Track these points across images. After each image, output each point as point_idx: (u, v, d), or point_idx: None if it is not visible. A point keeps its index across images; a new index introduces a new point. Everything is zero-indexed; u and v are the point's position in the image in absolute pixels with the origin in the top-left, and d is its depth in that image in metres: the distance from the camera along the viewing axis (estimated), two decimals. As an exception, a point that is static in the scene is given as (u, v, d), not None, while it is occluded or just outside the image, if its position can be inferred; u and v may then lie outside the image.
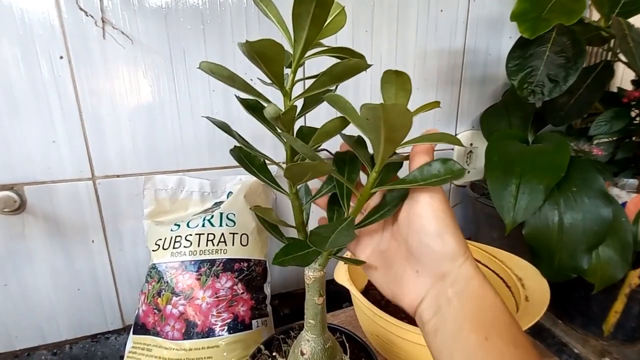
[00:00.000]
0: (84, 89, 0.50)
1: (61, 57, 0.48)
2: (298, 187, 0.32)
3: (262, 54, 0.23)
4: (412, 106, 0.24)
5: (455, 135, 0.76)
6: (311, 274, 0.34)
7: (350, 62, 0.26)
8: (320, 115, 0.58)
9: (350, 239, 0.24)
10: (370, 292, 0.60)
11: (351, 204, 0.31)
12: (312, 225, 0.34)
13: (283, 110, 0.26)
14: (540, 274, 0.50)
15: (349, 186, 0.30)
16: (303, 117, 0.34)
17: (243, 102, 0.34)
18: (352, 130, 0.28)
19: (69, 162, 0.51)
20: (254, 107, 0.34)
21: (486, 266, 0.60)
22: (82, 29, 0.47)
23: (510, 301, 0.52)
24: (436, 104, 0.30)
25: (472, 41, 0.71)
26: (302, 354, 0.34)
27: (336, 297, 0.73)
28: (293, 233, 0.32)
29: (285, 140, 0.28)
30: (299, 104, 0.32)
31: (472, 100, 0.76)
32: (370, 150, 0.28)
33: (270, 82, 0.28)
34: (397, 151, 0.28)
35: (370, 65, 0.27)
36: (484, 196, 0.66)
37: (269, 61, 0.24)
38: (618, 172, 0.65)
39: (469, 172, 0.80)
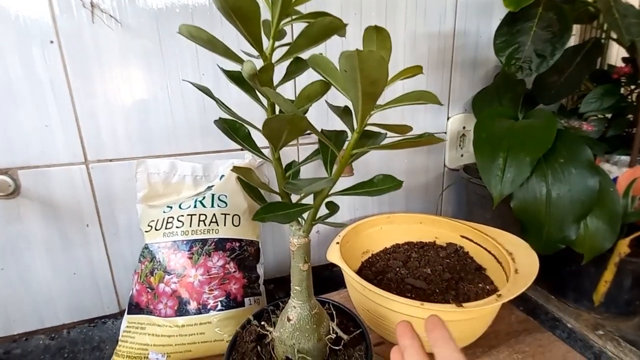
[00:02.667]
0: (75, 73, 0.50)
1: (51, 42, 0.49)
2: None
3: (238, 9, 0.23)
4: (402, 90, 0.24)
5: (448, 118, 0.77)
6: (295, 240, 0.34)
7: (326, 21, 0.26)
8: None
9: (325, 185, 0.25)
10: (363, 272, 0.60)
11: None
12: (295, 199, 0.35)
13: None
14: (530, 248, 0.50)
15: (333, 149, 0.30)
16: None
17: (227, 73, 0.35)
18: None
19: (62, 146, 0.52)
20: (238, 79, 0.35)
21: (478, 244, 0.60)
22: (71, 13, 0.48)
23: (500, 275, 0.53)
24: (418, 69, 0.30)
25: (462, 23, 0.71)
26: (289, 319, 0.35)
27: (332, 281, 0.73)
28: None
29: (265, 95, 0.28)
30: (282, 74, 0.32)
31: (463, 83, 0.76)
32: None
33: (251, 47, 0.29)
34: (378, 118, 0.28)
35: (346, 25, 0.28)
36: (477, 177, 0.66)
37: (245, 19, 0.25)
38: (610, 151, 0.65)
39: (462, 155, 0.80)
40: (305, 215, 0.35)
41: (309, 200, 0.33)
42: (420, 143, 0.26)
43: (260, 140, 0.36)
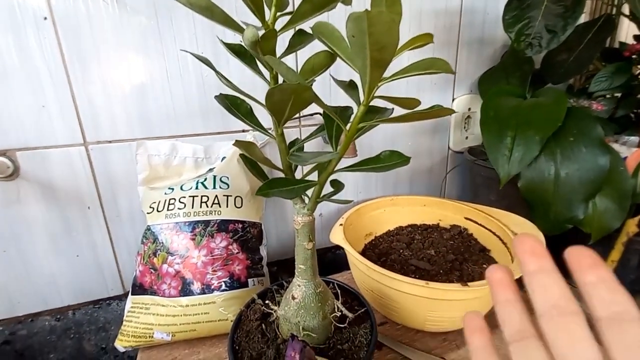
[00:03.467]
0: (71, 51, 0.49)
1: (45, 18, 0.47)
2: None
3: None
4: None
5: (453, 99, 0.75)
6: (300, 219, 0.34)
7: (331, -15, 0.25)
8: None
9: (330, 157, 0.24)
10: (367, 254, 0.60)
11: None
12: (299, 176, 0.34)
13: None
14: (536, 228, 0.50)
15: (339, 122, 0.29)
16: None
17: (228, 46, 0.33)
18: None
19: (60, 127, 0.51)
20: (239, 51, 0.34)
21: (482, 226, 0.60)
22: (64, -13, 0.46)
23: (505, 256, 0.52)
24: (429, 37, 0.29)
25: (469, 0, 0.69)
26: (293, 297, 0.35)
27: (334, 264, 0.73)
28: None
29: (267, 66, 0.27)
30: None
31: (470, 63, 0.74)
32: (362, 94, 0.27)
33: (251, 16, 0.28)
34: (385, 89, 0.27)
35: (352, -11, 0.26)
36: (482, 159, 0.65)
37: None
38: (619, 131, 0.64)
39: (467, 138, 0.78)
40: (309, 193, 0.34)
41: (313, 178, 0.33)
42: (430, 115, 0.25)
43: (262, 119, 0.35)
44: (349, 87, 0.32)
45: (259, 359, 0.33)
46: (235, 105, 0.35)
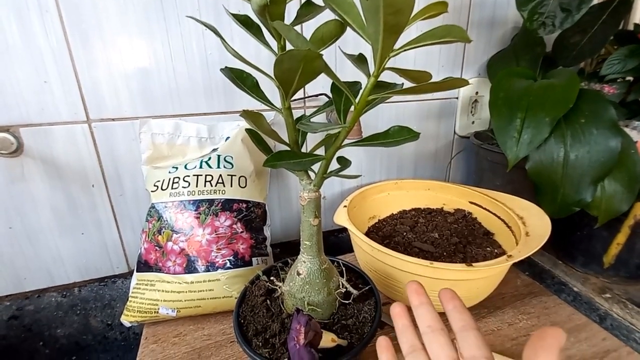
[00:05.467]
0: (72, 27, 0.48)
1: (46, -10, 0.46)
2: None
3: None
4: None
5: (460, 83, 0.73)
6: (306, 195, 0.33)
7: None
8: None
9: (339, 128, 0.23)
10: (370, 236, 0.60)
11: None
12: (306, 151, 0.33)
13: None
14: (542, 211, 0.49)
15: (349, 94, 0.28)
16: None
17: (235, 16, 0.32)
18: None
19: (63, 104, 0.50)
20: (245, 22, 0.33)
21: (487, 209, 0.60)
22: (65, -43, 0.45)
23: (509, 239, 0.52)
24: (443, 6, 0.28)
25: (480, -21, 0.67)
26: (299, 274, 0.35)
27: (338, 247, 0.73)
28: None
29: (275, 35, 0.26)
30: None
31: (479, 45, 0.72)
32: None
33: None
34: (389, 76, 0.26)
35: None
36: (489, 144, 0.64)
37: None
38: (630, 116, 0.62)
39: (473, 122, 0.77)
40: (316, 170, 0.33)
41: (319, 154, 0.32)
42: (444, 85, 0.25)
43: (268, 94, 0.34)
44: (359, 60, 0.31)
45: (264, 333, 0.34)
46: (240, 78, 0.34)
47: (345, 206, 0.57)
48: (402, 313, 0.26)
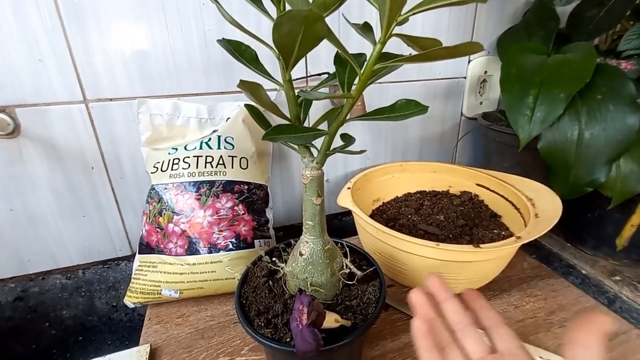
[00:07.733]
0: (65, 2, 0.46)
1: (35, -39, 0.44)
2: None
3: None
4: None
5: (469, 61, 0.71)
6: (308, 172, 0.32)
7: None
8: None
9: (345, 97, 0.22)
10: (375, 219, 0.59)
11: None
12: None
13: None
14: (553, 192, 0.48)
15: (354, 64, 0.26)
16: None
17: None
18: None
19: (58, 83, 0.49)
20: (242, -11, 0.31)
21: (494, 191, 0.58)
22: None
23: (517, 221, 0.51)
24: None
25: (493, -52, 0.63)
26: (301, 254, 0.34)
27: (341, 231, 0.73)
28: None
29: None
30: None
31: (489, 21, 0.69)
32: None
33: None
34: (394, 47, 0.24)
35: None
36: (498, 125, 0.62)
37: None
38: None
39: (481, 103, 0.75)
40: (318, 147, 0.32)
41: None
42: (458, 50, 0.23)
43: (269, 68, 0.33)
44: (364, 28, 0.29)
45: (267, 313, 0.33)
46: (239, 50, 0.32)
47: (349, 188, 0.55)
48: (425, 303, 0.27)
